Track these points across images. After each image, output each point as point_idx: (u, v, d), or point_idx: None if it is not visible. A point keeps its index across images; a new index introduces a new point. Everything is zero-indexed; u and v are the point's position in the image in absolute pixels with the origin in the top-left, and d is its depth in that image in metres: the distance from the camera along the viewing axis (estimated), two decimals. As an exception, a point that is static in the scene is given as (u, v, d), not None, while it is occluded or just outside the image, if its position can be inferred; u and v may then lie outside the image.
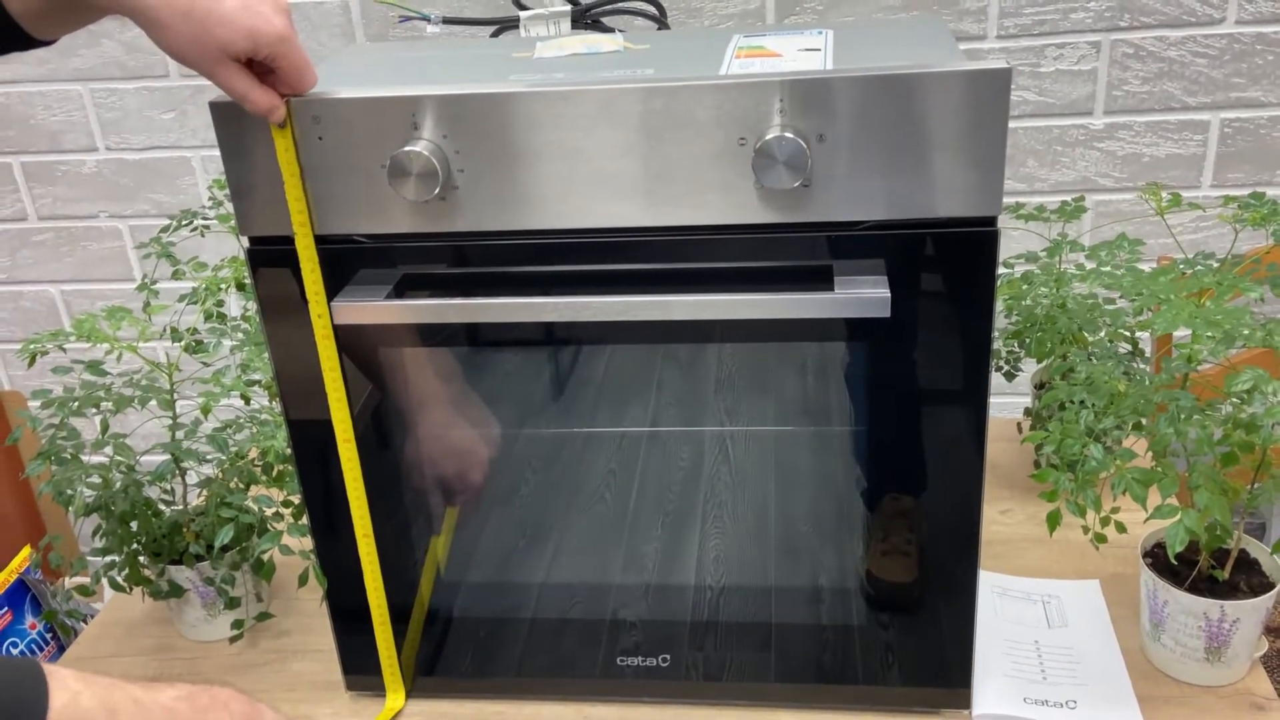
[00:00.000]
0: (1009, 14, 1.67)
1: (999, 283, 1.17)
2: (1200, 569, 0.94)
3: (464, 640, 0.99)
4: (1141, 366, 1.13)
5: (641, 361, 0.87)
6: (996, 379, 1.55)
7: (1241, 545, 0.95)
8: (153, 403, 1.03)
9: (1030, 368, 1.67)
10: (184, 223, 1.18)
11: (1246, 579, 0.95)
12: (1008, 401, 1.86)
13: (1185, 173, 1.74)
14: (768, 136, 0.74)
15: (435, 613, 0.98)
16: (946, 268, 0.78)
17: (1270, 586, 0.93)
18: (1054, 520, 0.89)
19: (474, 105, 0.77)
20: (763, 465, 0.90)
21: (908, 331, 0.81)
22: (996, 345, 1.22)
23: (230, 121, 0.79)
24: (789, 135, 0.74)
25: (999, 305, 1.15)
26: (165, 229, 1.19)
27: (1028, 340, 1.14)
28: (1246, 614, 0.92)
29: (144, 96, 1.89)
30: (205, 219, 1.21)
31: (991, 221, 0.77)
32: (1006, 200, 1.78)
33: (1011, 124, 1.74)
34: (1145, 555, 0.98)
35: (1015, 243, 1.75)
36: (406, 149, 0.77)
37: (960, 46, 1.70)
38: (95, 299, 2.06)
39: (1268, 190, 1.74)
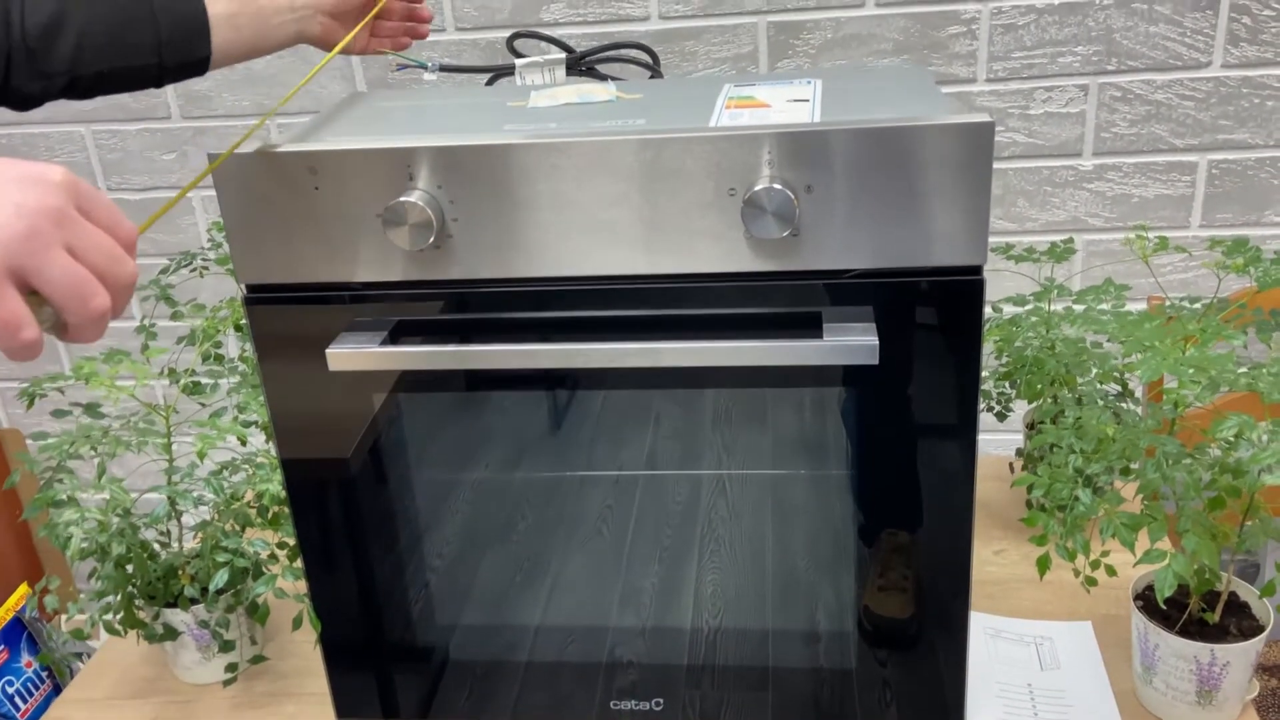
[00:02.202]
0: (998, 58, 1.70)
1: (989, 325, 1.19)
2: (1190, 612, 0.95)
3: (460, 681, 0.99)
4: (1132, 408, 1.14)
5: (637, 402, 0.88)
6: (989, 419, 1.56)
7: (1231, 588, 0.96)
8: (149, 445, 1.04)
9: (1022, 407, 1.68)
10: (184, 264, 1.20)
11: (1237, 622, 0.95)
12: (1001, 439, 1.87)
13: (1174, 213, 1.76)
14: (756, 187, 0.75)
15: (431, 652, 0.98)
16: (933, 315, 0.80)
17: (1260, 629, 0.94)
18: (1044, 565, 0.90)
19: (468, 156, 0.78)
20: (759, 502, 0.91)
21: (896, 377, 0.82)
22: (987, 386, 1.23)
23: (229, 173, 0.80)
24: (777, 186, 0.75)
25: (989, 347, 1.16)
26: (165, 270, 1.20)
27: (1018, 381, 1.15)
28: (1236, 657, 0.92)
29: (145, 138, 1.91)
30: (205, 260, 1.22)
31: (977, 270, 0.78)
32: (997, 240, 1.80)
33: (1002, 165, 1.77)
34: (1136, 598, 0.98)
35: (1007, 281, 1.76)
36: (402, 199, 0.78)
37: (950, 89, 1.73)
38: (94, 337, 2.07)
39: (1255, 230, 1.76)
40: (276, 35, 1.04)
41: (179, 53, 0.97)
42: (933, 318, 0.80)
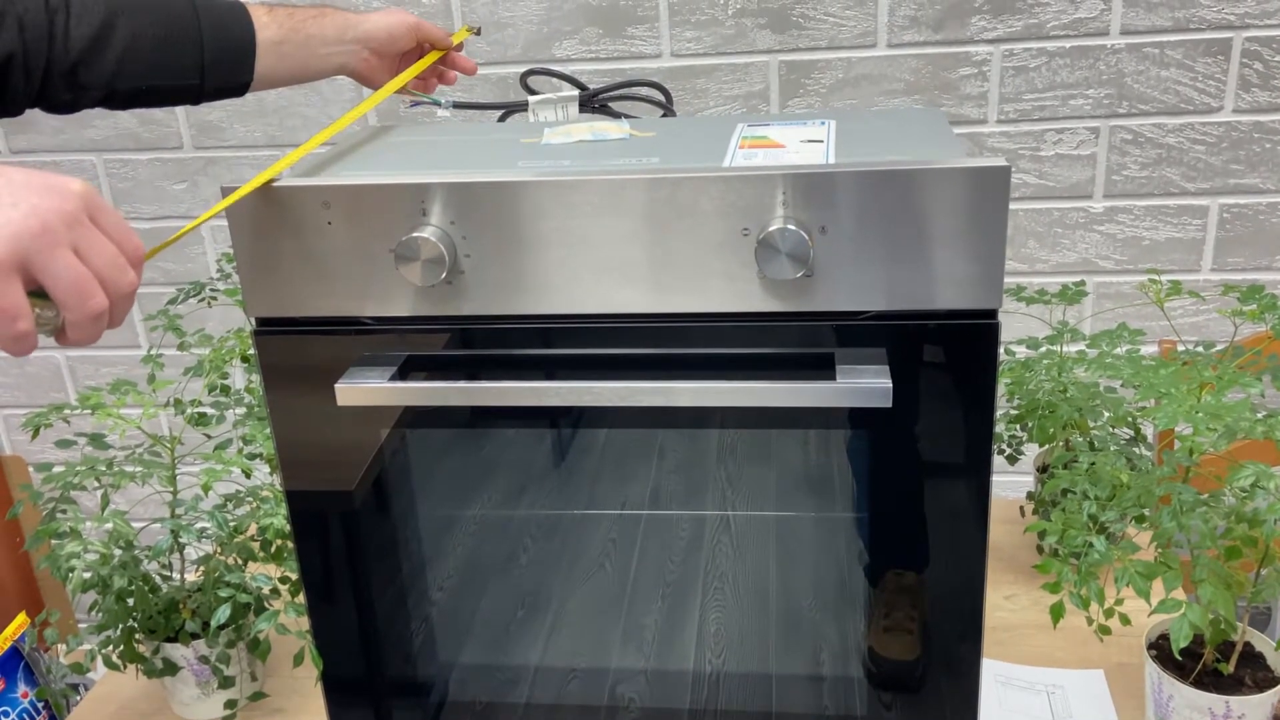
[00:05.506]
0: (1009, 99, 1.70)
1: (1000, 368, 1.18)
2: (1205, 662, 0.93)
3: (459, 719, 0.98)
4: (1144, 453, 1.13)
5: (643, 438, 0.88)
6: (999, 461, 1.55)
7: (1246, 638, 0.95)
8: (153, 477, 1.03)
9: (1033, 450, 1.67)
10: (192, 294, 1.19)
11: (1251, 673, 0.94)
12: (1011, 480, 1.85)
13: (1185, 256, 1.76)
14: (770, 228, 0.75)
15: (430, 689, 0.97)
16: (947, 358, 0.79)
17: (1276, 681, 0.92)
18: (1057, 613, 0.88)
19: (482, 193, 0.78)
20: (763, 540, 0.90)
21: (909, 420, 0.81)
22: (999, 429, 1.22)
23: (241, 208, 0.80)
24: (791, 227, 0.75)
25: (1000, 389, 1.15)
26: (173, 300, 1.20)
27: (1030, 424, 1.14)
28: (1252, 709, 0.91)
29: (156, 167, 1.92)
30: (213, 290, 1.22)
31: (992, 314, 0.78)
32: (1008, 281, 1.79)
33: (1012, 206, 1.76)
34: (1150, 647, 0.97)
35: (1017, 323, 1.76)
36: (414, 235, 0.78)
37: (961, 130, 1.73)
38: (101, 365, 2.07)
39: (1266, 275, 1.75)
40: (321, 66, 1.03)
41: (221, 76, 0.97)
42: (947, 360, 0.79)
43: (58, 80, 0.90)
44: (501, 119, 1.16)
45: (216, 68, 0.96)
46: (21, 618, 1.42)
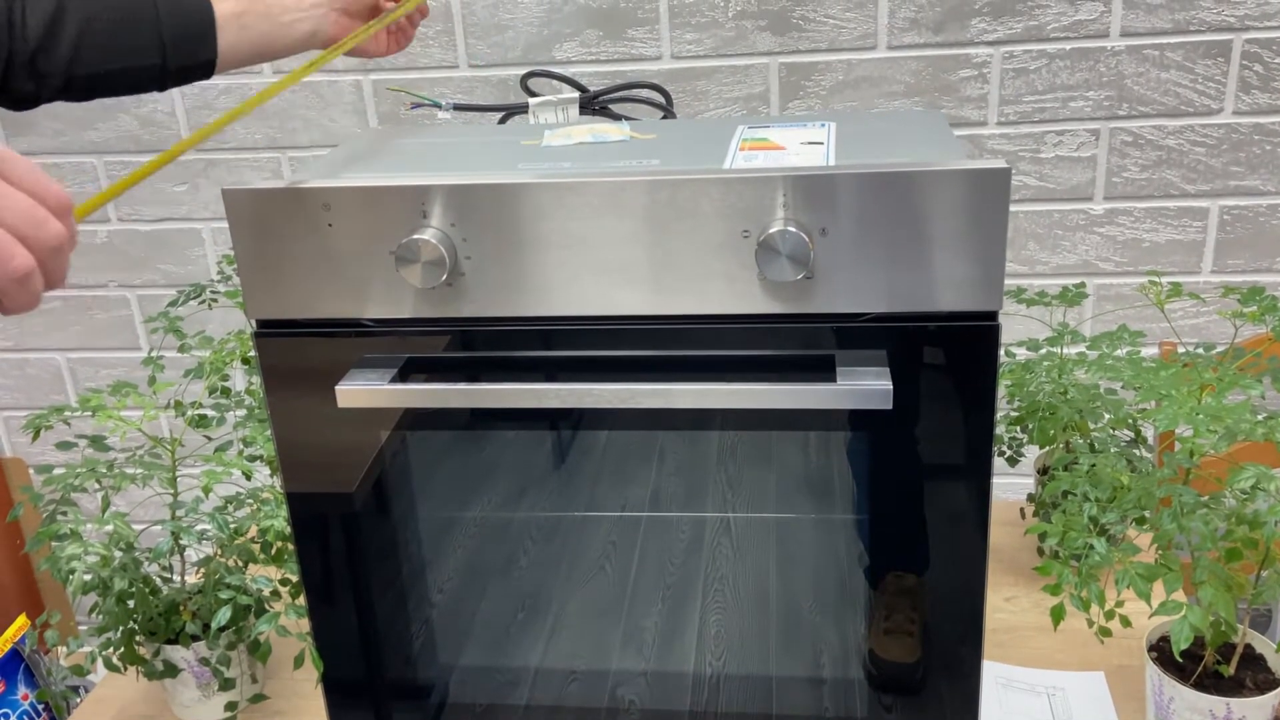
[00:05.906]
0: (1009, 101, 1.70)
1: (1000, 370, 1.18)
2: (1205, 664, 0.93)
3: (460, 726, 0.98)
4: (1144, 455, 1.13)
5: (643, 440, 0.88)
6: (999, 463, 1.55)
7: (1247, 640, 0.95)
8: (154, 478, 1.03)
9: (1033, 452, 1.67)
10: (192, 296, 1.19)
11: (1252, 675, 0.94)
12: (1012, 482, 1.85)
13: (1186, 258, 1.76)
14: (771, 230, 0.75)
15: (430, 691, 0.97)
16: (948, 360, 0.79)
17: (1276, 683, 0.92)
18: (1058, 615, 0.88)
19: (482, 195, 0.78)
20: (763, 542, 0.90)
21: (910, 422, 0.81)
22: (999, 431, 1.22)
23: (242, 210, 0.80)
24: (792, 229, 0.75)
25: (1001, 391, 1.15)
26: (173, 302, 1.20)
27: (1030, 426, 1.14)
28: (1253, 711, 0.90)
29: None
30: (214, 292, 1.22)
31: (992, 316, 0.78)
32: (1008, 283, 1.79)
33: (1012, 207, 1.77)
34: (1150, 649, 0.97)
35: (1018, 324, 1.76)
36: (415, 237, 0.78)
37: (962, 132, 1.73)
38: (101, 367, 2.07)
39: (1267, 277, 1.75)
40: (289, 35, 0.99)
41: (183, 55, 0.94)
42: (948, 362, 0.79)
43: (19, 71, 0.89)
44: (502, 121, 1.16)
45: (177, 46, 0.93)
46: (22, 620, 1.42)
